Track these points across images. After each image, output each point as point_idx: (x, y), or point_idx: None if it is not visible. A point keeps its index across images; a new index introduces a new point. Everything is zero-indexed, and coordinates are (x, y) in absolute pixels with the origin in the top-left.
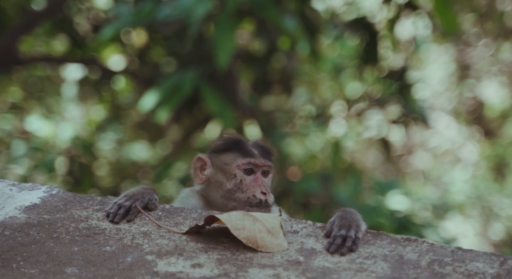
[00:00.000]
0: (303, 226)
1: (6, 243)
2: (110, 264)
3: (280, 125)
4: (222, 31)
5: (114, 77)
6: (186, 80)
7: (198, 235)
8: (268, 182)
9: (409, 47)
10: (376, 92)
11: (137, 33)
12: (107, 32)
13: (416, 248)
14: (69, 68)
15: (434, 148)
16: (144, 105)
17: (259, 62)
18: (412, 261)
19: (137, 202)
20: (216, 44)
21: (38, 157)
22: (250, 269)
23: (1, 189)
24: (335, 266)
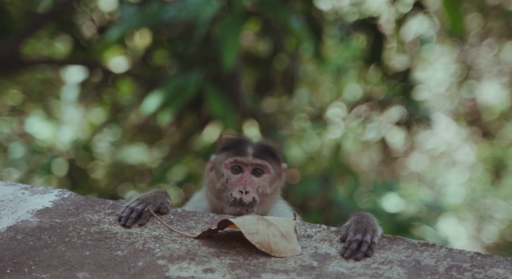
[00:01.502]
0: (317, 230)
1: (18, 247)
2: (122, 269)
3: (281, 127)
4: (228, 32)
5: (116, 79)
6: (190, 82)
7: (210, 239)
8: (260, 182)
9: (413, 48)
10: (379, 93)
11: (140, 35)
12: (113, 34)
13: (433, 254)
14: (71, 70)
15: (431, 150)
16: (147, 107)
17: (262, 63)
18: (429, 267)
19: (149, 206)
20: (223, 45)
21: (36, 160)
22: (263, 274)
23: (14, 193)
24: (350, 271)
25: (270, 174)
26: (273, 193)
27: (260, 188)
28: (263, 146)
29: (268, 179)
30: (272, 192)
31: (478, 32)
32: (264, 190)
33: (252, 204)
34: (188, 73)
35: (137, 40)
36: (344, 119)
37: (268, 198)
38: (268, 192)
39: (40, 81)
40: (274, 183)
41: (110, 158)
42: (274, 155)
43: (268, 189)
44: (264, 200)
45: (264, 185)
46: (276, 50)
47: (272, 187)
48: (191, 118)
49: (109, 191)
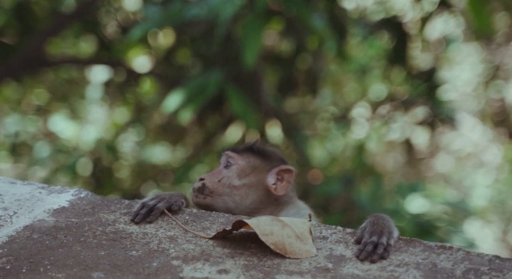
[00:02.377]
0: (333, 232)
1: (34, 247)
2: (136, 269)
3: (303, 127)
4: (250, 31)
5: (139, 79)
6: (211, 81)
7: (225, 240)
8: (226, 173)
9: (438, 47)
10: (403, 93)
11: (163, 34)
12: (135, 33)
13: (450, 256)
14: (95, 70)
15: (457, 151)
16: (168, 106)
17: (285, 62)
18: (446, 270)
19: (161, 203)
20: (244, 44)
21: (61, 159)
22: (277, 276)
23: (31, 192)
24: (365, 273)
25: (238, 166)
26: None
27: (225, 179)
28: (250, 144)
29: (235, 170)
30: (243, 185)
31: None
32: (230, 181)
33: (200, 190)
34: (209, 72)
35: (161, 39)
36: (368, 119)
37: (241, 191)
38: (236, 184)
39: (65, 80)
40: (249, 177)
41: (133, 157)
42: (255, 149)
43: (235, 181)
44: (234, 193)
45: (230, 176)
46: (299, 49)
47: (243, 180)
48: (214, 117)
49: (132, 190)
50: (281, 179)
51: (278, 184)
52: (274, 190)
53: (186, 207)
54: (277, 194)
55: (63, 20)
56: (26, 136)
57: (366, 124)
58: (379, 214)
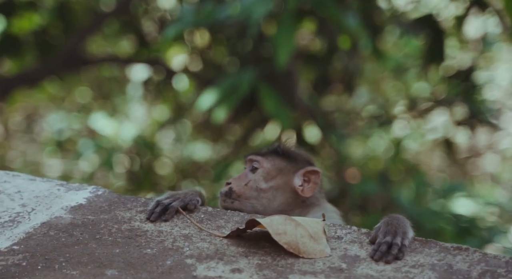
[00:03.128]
0: (348, 232)
1: (50, 244)
2: (150, 267)
3: (340, 126)
4: (282, 30)
5: (177, 77)
6: (243, 80)
7: (240, 238)
8: (253, 177)
9: (477, 46)
10: (441, 92)
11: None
12: (169, 32)
13: (467, 258)
14: (135, 68)
15: (504, 150)
16: (201, 104)
17: (320, 61)
18: (462, 271)
19: (176, 201)
20: (276, 43)
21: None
22: (291, 276)
23: (49, 189)
24: (379, 274)
25: (263, 169)
26: (276, 190)
27: (251, 182)
28: (275, 147)
29: (261, 173)
30: (270, 187)
31: None
32: (257, 185)
33: (228, 194)
34: (242, 71)
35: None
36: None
37: (268, 194)
38: (263, 187)
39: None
40: (275, 180)
41: (173, 154)
42: (280, 151)
43: (262, 184)
44: (261, 196)
45: (257, 179)
46: (333, 48)
47: (270, 183)
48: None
49: (171, 187)
50: (307, 180)
51: (305, 186)
52: (301, 192)
53: (202, 205)
54: (304, 195)
55: (101, 19)
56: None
57: (404, 122)
58: (395, 215)
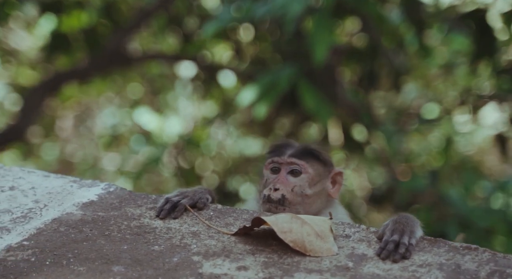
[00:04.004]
0: (356, 231)
1: (60, 239)
2: (156, 264)
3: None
4: (319, 26)
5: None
6: (283, 76)
7: (247, 236)
8: (297, 182)
9: None
10: (492, 88)
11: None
12: (208, 29)
13: (476, 257)
14: (181, 65)
15: None
16: (242, 100)
17: (365, 57)
18: (470, 271)
19: (185, 199)
20: (313, 39)
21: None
22: (296, 274)
23: (63, 185)
24: (386, 273)
25: (308, 174)
26: (318, 195)
27: (297, 188)
28: (305, 147)
29: (306, 179)
30: (314, 193)
31: None
32: (302, 190)
33: (281, 202)
34: (282, 67)
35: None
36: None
37: (311, 199)
38: (308, 193)
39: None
40: (317, 185)
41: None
42: (316, 157)
43: (307, 190)
44: (305, 201)
45: (302, 185)
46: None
47: (314, 188)
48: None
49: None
50: (333, 182)
51: (333, 188)
52: (332, 194)
53: (212, 202)
54: (334, 197)
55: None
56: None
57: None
58: (404, 213)
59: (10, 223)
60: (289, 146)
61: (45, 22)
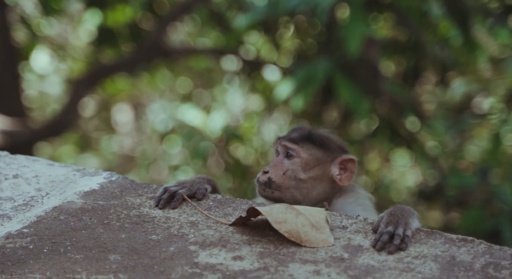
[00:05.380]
0: (353, 222)
1: (59, 227)
2: (153, 253)
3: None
4: (352, 18)
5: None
6: (319, 69)
7: (245, 227)
8: (290, 166)
9: None
10: None
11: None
12: (242, 22)
13: (471, 250)
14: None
15: None
16: (279, 94)
17: (408, 51)
18: (464, 263)
19: (183, 190)
20: (346, 31)
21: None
22: (291, 264)
23: (66, 174)
24: (380, 264)
25: (301, 159)
26: (316, 180)
27: (289, 172)
28: (308, 132)
29: (299, 163)
30: (310, 178)
31: None
32: (296, 174)
33: (267, 184)
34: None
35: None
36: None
37: (307, 184)
38: (302, 177)
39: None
40: (314, 170)
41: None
42: (316, 140)
43: (301, 174)
44: (300, 185)
45: (295, 169)
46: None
47: (309, 173)
48: None
49: None
50: (344, 168)
51: (342, 174)
52: (340, 181)
53: (213, 191)
54: (343, 184)
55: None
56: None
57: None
58: (400, 205)
59: (12, 210)
60: (298, 130)
61: (90, 16)
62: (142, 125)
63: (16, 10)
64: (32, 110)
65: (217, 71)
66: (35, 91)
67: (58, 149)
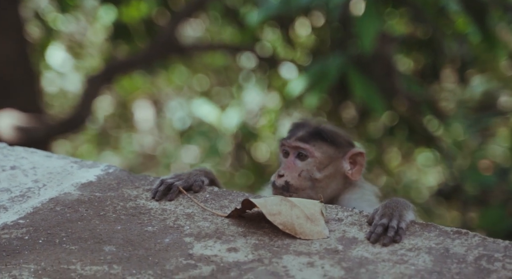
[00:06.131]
0: (349, 214)
1: (55, 219)
2: (148, 244)
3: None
4: (366, 13)
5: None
6: (332, 65)
7: (241, 219)
8: (304, 167)
9: None
10: None
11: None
12: (254, 17)
13: (465, 242)
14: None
15: None
16: (293, 90)
17: (425, 48)
18: (458, 255)
19: (180, 182)
20: (360, 26)
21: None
22: (285, 256)
23: (63, 166)
24: (374, 257)
25: (315, 158)
26: (330, 177)
27: (304, 173)
28: (315, 129)
29: (313, 163)
30: (325, 176)
31: None
32: (311, 175)
33: (285, 188)
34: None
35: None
36: None
37: (323, 183)
38: (318, 177)
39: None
40: (328, 168)
41: None
42: (326, 138)
43: (316, 174)
44: (316, 185)
45: (310, 169)
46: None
47: (324, 172)
48: None
49: None
50: (353, 162)
51: (352, 169)
52: (351, 176)
53: (211, 183)
54: (354, 179)
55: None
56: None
57: None
58: (395, 198)
59: (8, 201)
60: (302, 127)
61: (105, 13)
62: (161, 123)
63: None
64: (51, 107)
65: (234, 68)
66: (54, 88)
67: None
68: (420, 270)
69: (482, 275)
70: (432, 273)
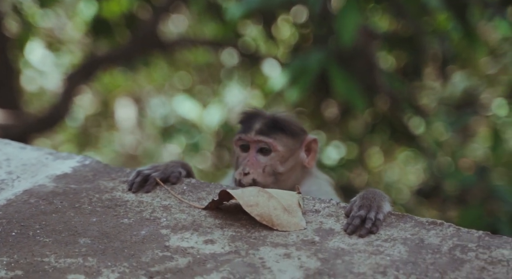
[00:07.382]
0: (326, 206)
1: (28, 211)
2: (124, 236)
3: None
4: (345, 7)
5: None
6: (313, 60)
7: (218, 211)
8: (268, 162)
9: None
10: None
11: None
12: (234, 12)
13: (440, 232)
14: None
15: None
16: (274, 85)
17: (407, 44)
18: (432, 246)
19: (157, 173)
20: (339, 21)
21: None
22: (262, 248)
23: (38, 157)
24: (350, 248)
25: (278, 152)
26: (292, 169)
27: (268, 168)
28: (273, 120)
29: (277, 157)
30: (287, 169)
31: None
32: (274, 169)
33: (252, 186)
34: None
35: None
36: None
37: (285, 176)
38: (281, 171)
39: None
40: (290, 160)
41: None
42: (286, 129)
43: (280, 168)
44: (279, 179)
45: (273, 164)
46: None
47: (286, 165)
48: None
49: None
50: (308, 150)
51: (308, 157)
52: (307, 164)
53: (188, 176)
54: (310, 167)
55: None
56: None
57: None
58: (372, 189)
59: None
60: (257, 118)
61: (85, 7)
62: (143, 121)
63: None
64: (30, 104)
65: (216, 65)
66: (33, 85)
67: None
68: (395, 261)
69: (456, 265)
70: (407, 263)
